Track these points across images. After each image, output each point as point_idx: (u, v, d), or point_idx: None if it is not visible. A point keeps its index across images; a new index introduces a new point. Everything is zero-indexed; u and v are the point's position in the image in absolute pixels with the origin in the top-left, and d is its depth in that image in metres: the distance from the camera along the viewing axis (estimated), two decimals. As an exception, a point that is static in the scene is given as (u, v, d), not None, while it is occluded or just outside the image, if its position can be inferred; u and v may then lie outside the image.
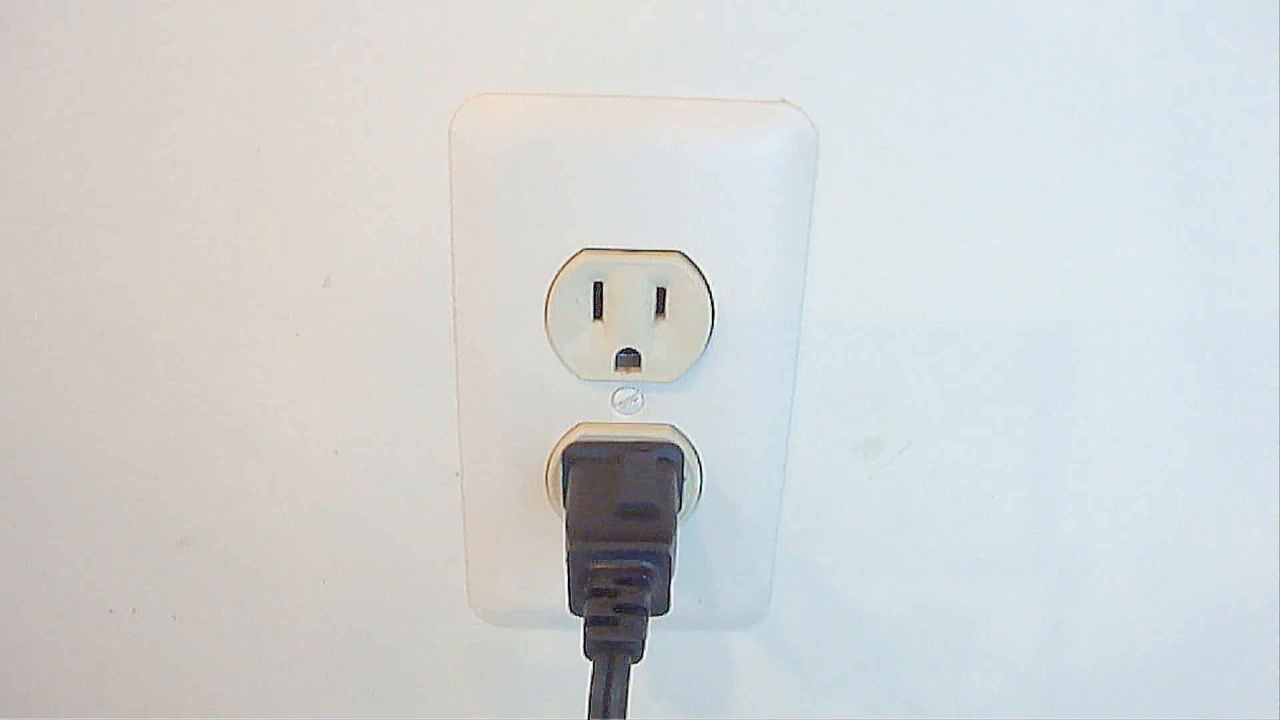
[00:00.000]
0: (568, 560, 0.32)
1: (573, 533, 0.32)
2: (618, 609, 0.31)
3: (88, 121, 0.32)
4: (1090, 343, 0.35)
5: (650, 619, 0.31)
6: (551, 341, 0.33)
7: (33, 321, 0.34)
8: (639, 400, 0.34)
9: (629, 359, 0.33)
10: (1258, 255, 0.33)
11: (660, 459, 0.34)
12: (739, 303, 0.33)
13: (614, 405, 0.34)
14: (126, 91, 0.31)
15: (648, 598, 0.31)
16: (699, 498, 0.36)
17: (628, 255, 0.32)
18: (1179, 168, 0.32)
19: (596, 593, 0.31)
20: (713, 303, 0.33)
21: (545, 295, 0.33)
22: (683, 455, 0.35)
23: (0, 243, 0.33)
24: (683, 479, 0.35)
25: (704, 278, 0.32)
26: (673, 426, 0.35)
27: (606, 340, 0.33)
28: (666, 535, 0.31)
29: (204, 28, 0.31)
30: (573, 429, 0.35)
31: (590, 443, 0.34)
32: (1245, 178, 0.32)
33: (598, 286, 0.33)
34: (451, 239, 0.33)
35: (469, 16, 0.30)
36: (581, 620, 0.31)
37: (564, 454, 0.34)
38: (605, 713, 0.26)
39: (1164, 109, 0.31)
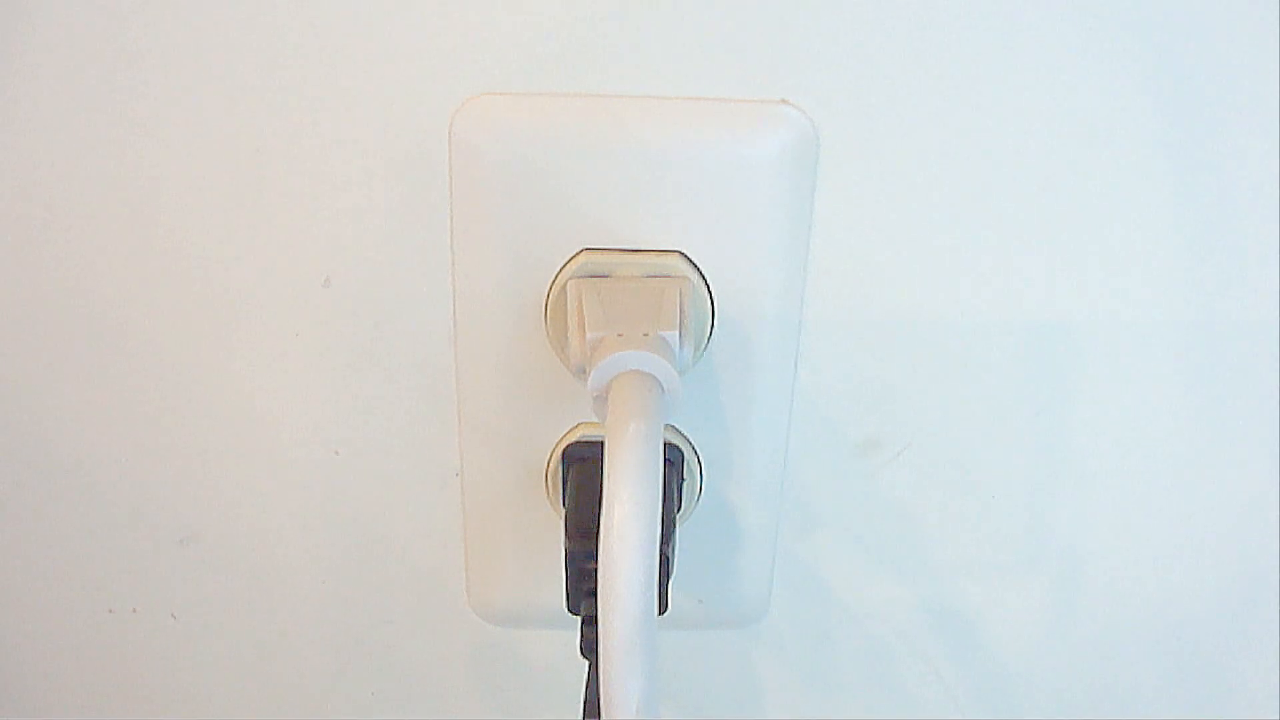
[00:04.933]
0: (565, 559, 0.32)
1: (570, 532, 0.32)
2: (614, 608, 0.31)
3: (87, 121, 0.32)
4: (1091, 343, 0.35)
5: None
6: (551, 341, 0.33)
7: (32, 321, 0.34)
8: None
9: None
10: (1259, 255, 0.33)
11: (660, 459, 0.34)
12: (739, 303, 0.33)
13: None
14: (126, 91, 0.31)
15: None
16: (699, 498, 0.36)
17: (628, 255, 0.32)
18: (1179, 168, 0.32)
19: (593, 592, 0.31)
20: (713, 303, 0.33)
21: (545, 295, 0.33)
22: (682, 455, 0.35)
23: None
24: (682, 479, 0.35)
25: (704, 278, 0.32)
26: (673, 426, 0.35)
27: (606, 340, 0.33)
28: (664, 535, 0.31)
29: (204, 27, 0.31)
30: (573, 429, 0.35)
31: (590, 442, 0.34)
32: (1246, 178, 0.32)
33: (598, 286, 0.33)
34: (451, 239, 0.33)
35: (469, 16, 0.30)
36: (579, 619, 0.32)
37: (564, 454, 0.34)
38: (600, 713, 0.26)
39: (1165, 109, 0.31)
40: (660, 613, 0.32)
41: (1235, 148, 0.32)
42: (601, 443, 0.27)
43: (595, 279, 0.32)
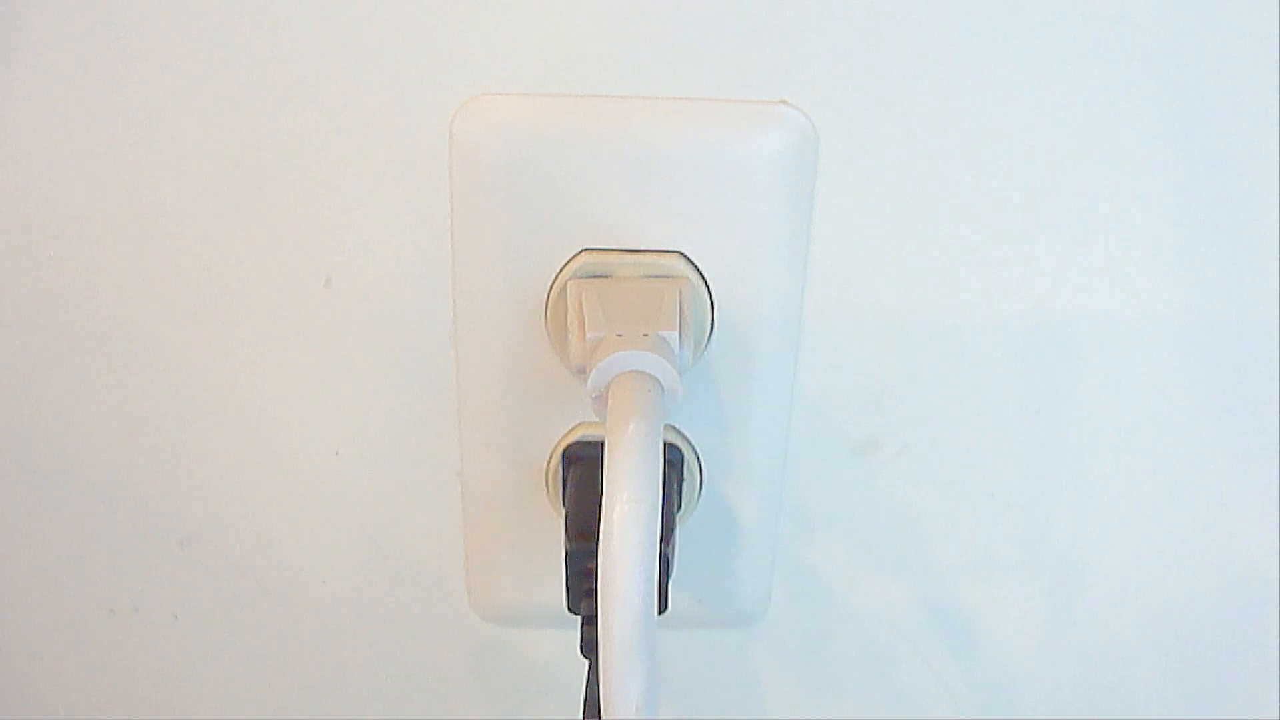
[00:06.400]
0: (565, 559, 0.32)
1: (570, 531, 0.32)
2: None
3: (87, 122, 0.32)
4: (1090, 342, 0.35)
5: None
6: (551, 341, 0.33)
7: (33, 321, 0.35)
8: None
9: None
10: (1259, 254, 0.33)
11: (660, 459, 0.34)
12: (739, 303, 0.33)
13: None
14: (126, 91, 0.31)
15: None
16: (699, 498, 0.36)
17: (628, 255, 0.32)
18: (1179, 168, 0.32)
19: (593, 592, 0.31)
20: (713, 303, 0.33)
21: (545, 295, 0.33)
22: (683, 455, 0.35)
23: None
24: (682, 479, 0.35)
25: (704, 278, 0.32)
26: (673, 426, 0.35)
27: (606, 340, 0.33)
28: (664, 535, 0.31)
29: (204, 27, 0.31)
30: (573, 429, 0.35)
31: (590, 442, 0.34)
32: (1246, 178, 0.32)
33: (598, 287, 0.33)
34: (451, 239, 0.33)
35: (469, 16, 0.30)
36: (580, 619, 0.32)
37: (564, 454, 0.34)
38: (600, 713, 0.26)
39: (1165, 109, 0.31)
40: (660, 613, 0.32)
41: (1234, 148, 0.32)
42: (601, 443, 0.27)
43: (595, 279, 0.32)
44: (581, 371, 0.30)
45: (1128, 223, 0.33)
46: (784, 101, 0.31)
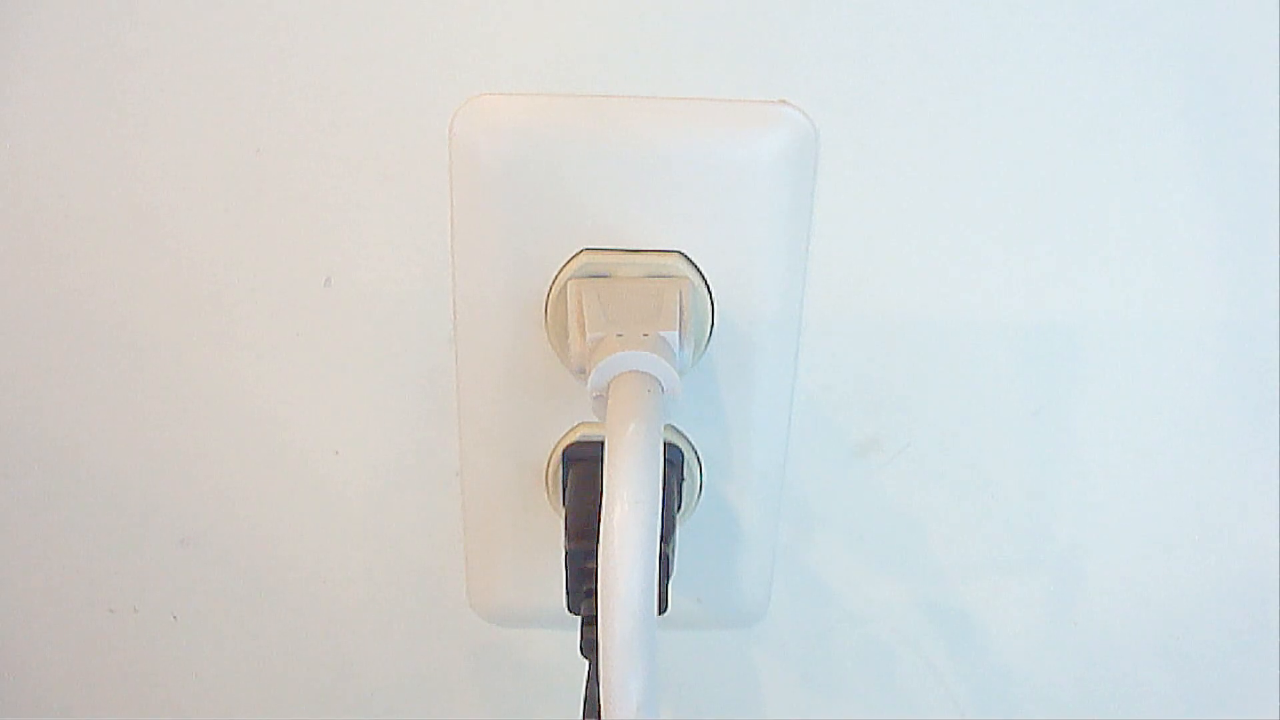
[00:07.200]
0: (565, 559, 0.32)
1: (570, 531, 0.32)
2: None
3: (87, 122, 0.32)
4: (1091, 342, 0.35)
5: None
6: (551, 341, 0.33)
7: (33, 321, 0.35)
8: None
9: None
10: (1259, 254, 0.33)
11: (659, 459, 0.34)
12: (739, 303, 0.33)
13: None
14: (126, 91, 0.31)
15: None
16: (699, 498, 0.36)
17: (628, 255, 0.32)
18: (1180, 168, 0.32)
19: (593, 592, 0.31)
20: (713, 303, 0.33)
21: (545, 295, 0.33)
22: (683, 455, 0.35)
23: (0, 242, 0.33)
24: (682, 479, 0.35)
25: (704, 278, 0.32)
26: (673, 426, 0.35)
27: (606, 340, 0.33)
28: (664, 535, 0.31)
29: (204, 27, 0.31)
30: (573, 429, 0.35)
31: (590, 442, 0.34)
32: (1247, 177, 0.32)
33: (598, 287, 0.33)
34: (451, 239, 0.33)
35: (468, 16, 0.30)
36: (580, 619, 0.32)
37: (564, 454, 0.34)
38: (600, 713, 0.26)
39: (1166, 109, 0.31)
40: (660, 613, 0.32)
41: (1235, 148, 0.32)
42: (601, 443, 0.27)
43: (595, 279, 0.32)
44: (581, 371, 0.30)
45: (1128, 223, 0.33)
46: (784, 101, 0.31)
